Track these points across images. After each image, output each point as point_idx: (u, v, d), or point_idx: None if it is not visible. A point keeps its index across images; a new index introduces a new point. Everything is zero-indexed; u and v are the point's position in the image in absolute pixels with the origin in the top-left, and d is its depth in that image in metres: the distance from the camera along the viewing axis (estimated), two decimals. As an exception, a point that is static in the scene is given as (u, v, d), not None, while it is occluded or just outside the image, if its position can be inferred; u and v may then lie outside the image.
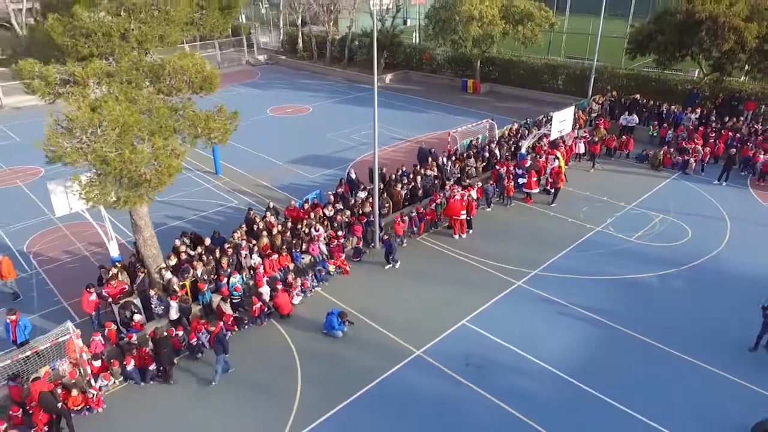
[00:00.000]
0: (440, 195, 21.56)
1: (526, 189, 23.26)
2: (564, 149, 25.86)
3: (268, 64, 53.23)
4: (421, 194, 22.15)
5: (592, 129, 28.93)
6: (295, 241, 18.57)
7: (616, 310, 16.48)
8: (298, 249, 18.46)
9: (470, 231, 20.94)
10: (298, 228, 19.05)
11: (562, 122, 24.56)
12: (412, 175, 22.56)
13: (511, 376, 14.18)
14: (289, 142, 31.01)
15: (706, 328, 15.78)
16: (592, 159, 26.68)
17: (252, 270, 17.21)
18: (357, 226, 19.54)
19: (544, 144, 25.90)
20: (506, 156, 25.22)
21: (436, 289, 17.69)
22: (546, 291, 17.44)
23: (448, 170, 23.65)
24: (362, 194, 21.23)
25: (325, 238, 18.91)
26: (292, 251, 18.29)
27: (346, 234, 19.64)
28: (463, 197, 20.40)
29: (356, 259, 19.33)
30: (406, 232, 20.29)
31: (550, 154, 24.81)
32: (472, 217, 20.84)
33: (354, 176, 22.93)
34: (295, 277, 17.33)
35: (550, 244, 20.01)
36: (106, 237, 16.73)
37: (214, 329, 14.46)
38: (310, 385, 14.00)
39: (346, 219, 19.84)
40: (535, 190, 23.33)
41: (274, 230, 18.57)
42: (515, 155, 25.41)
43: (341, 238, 19.12)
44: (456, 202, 20.12)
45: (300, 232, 18.83)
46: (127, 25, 14.30)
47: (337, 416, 13.10)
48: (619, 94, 32.79)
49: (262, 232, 18.42)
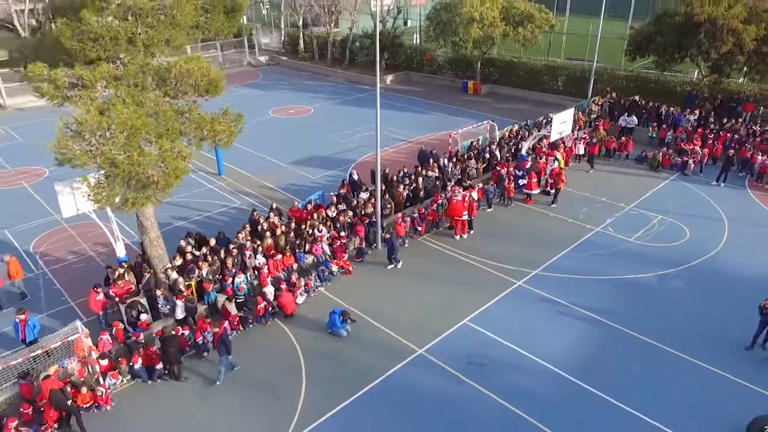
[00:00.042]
0: (441, 196, 21.79)
1: (527, 190, 23.49)
2: (564, 150, 26.11)
3: (270, 65, 53.43)
4: (423, 195, 22.39)
5: (591, 130, 29.16)
6: (298, 242, 18.80)
7: (616, 309, 16.71)
8: (301, 249, 18.69)
9: (471, 231, 21.16)
10: (302, 229, 19.28)
11: (562, 124, 24.85)
12: (413, 176, 22.80)
13: (512, 374, 14.40)
14: (291, 143, 31.22)
15: (705, 327, 16.01)
16: (590, 160, 26.90)
17: (256, 270, 17.44)
18: (359, 226, 19.77)
19: (544, 145, 26.14)
20: (507, 157, 25.43)
21: (437, 289, 17.92)
22: (546, 291, 17.67)
23: (449, 171, 23.88)
24: (364, 195, 21.44)
25: (328, 239, 19.14)
26: (296, 252, 18.53)
27: (349, 234, 19.87)
28: (465, 198, 20.63)
29: (358, 260, 19.56)
30: (409, 232, 20.52)
31: (550, 155, 25.06)
32: (472, 217, 21.07)
33: (356, 177, 23.16)
34: (299, 277, 17.55)
35: (550, 244, 20.24)
36: (112, 237, 16.97)
37: (217, 330, 14.69)
38: (314, 384, 14.21)
39: (349, 220, 20.06)
40: (536, 191, 23.56)
41: (278, 231, 18.80)
42: (515, 156, 25.64)
43: (344, 239, 19.36)
44: (457, 203, 20.34)
45: (303, 233, 19.06)
46: (134, 29, 14.47)
47: (340, 414, 13.31)
48: (619, 96, 32.99)
49: (266, 233, 18.65)
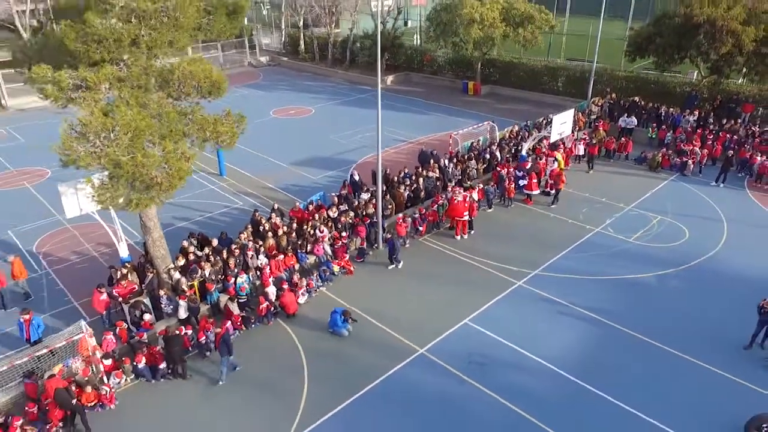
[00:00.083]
0: (442, 196, 21.91)
1: (527, 190, 23.61)
2: (564, 151, 26.23)
3: (270, 66, 53.57)
4: (423, 196, 22.51)
5: (591, 131, 29.28)
6: (300, 242, 18.92)
7: (616, 309, 16.82)
8: (303, 250, 18.81)
9: (472, 232, 21.28)
10: (303, 229, 19.40)
11: (562, 125, 24.99)
12: (414, 177, 22.92)
13: (513, 373, 14.52)
14: (293, 143, 31.35)
15: (703, 327, 16.12)
16: (590, 161, 27.02)
17: (258, 270, 17.56)
18: (361, 227, 19.89)
19: (544, 146, 26.26)
20: (507, 158, 25.55)
21: (438, 289, 18.04)
22: (546, 291, 17.79)
23: (449, 172, 24.00)
24: (365, 196, 21.56)
25: (330, 239, 19.26)
26: (298, 252, 18.65)
27: (350, 235, 19.99)
28: (465, 199, 20.74)
29: (360, 260, 19.67)
30: (410, 232, 20.64)
31: (550, 156, 25.18)
32: (473, 218, 21.19)
33: (357, 178, 23.27)
34: (301, 277, 17.67)
35: (551, 244, 20.36)
36: (116, 238, 17.08)
37: (219, 331, 14.79)
38: (316, 383, 14.32)
39: (350, 220, 20.18)
40: (536, 192, 23.68)
41: (280, 231, 18.92)
42: (516, 157, 25.76)
43: (345, 239, 19.48)
44: (459, 204, 20.46)
45: (305, 233, 19.18)
46: (138, 32, 14.57)
47: (342, 414, 13.43)
48: (618, 96, 33.12)
49: (268, 233, 18.77)
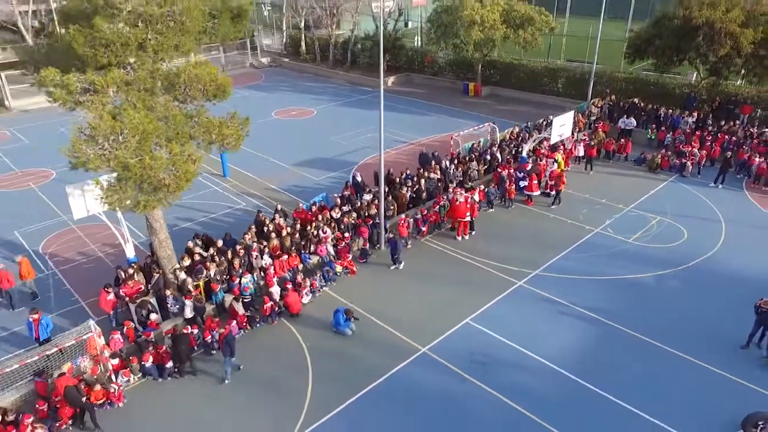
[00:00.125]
0: (443, 197, 22.15)
1: (527, 191, 23.84)
2: (564, 152, 26.46)
3: (271, 67, 53.79)
4: (425, 197, 22.74)
5: (591, 132, 29.51)
6: (303, 243, 19.16)
7: (615, 309, 17.05)
8: (306, 250, 19.05)
9: (473, 232, 21.51)
10: (307, 230, 19.63)
11: (562, 126, 25.22)
12: (416, 178, 23.15)
13: (514, 372, 14.75)
14: (295, 144, 31.57)
15: (702, 326, 16.35)
16: (589, 162, 27.24)
17: (263, 270, 17.79)
18: (363, 228, 20.13)
19: (545, 147, 26.49)
20: (507, 159, 25.79)
21: (440, 289, 18.27)
22: (547, 291, 18.02)
23: (450, 173, 24.23)
24: (368, 197, 21.79)
25: (333, 240, 19.49)
26: (301, 252, 18.88)
27: (353, 236, 20.23)
28: (467, 200, 20.98)
29: (362, 261, 19.89)
30: (411, 233, 20.87)
31: (549, 157, 25.42)
32: (474, 218, 21.42)
33: (359, 179, 23.50)
34: (304, 277, 17.91)
35: (551, 245, 20.59)
36: (122, 239, 17.32)
37: (223, 331, 14.95)
38: (320, 382, 14.55)
39: (353, 221, 20.43)
40: (536, 193, 23.92)
41: (284, 232, 19.15)
42: (516, 158, 25.99)
43: (348, 240, 19.71)
44: (460, 205, 20.69)
45: (308, 234, 19.40)
46: (145, 36, 14.80)
47: (346, 412, 13.65)
48: (618, 98, 33.36)
49: (272, 234, 19.00)
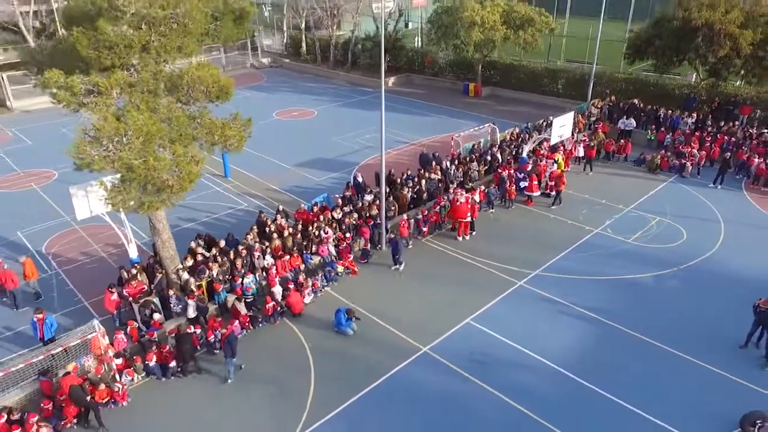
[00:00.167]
0: (444, 198, 22.27)
1: (528, 192, 23.97)
2: (564, 153, 26.57)
3: (272, 67, 53.91)
4: (426, 197, 22.86)
5: (591, 133, 29.63)
6: (305, 243, 19.28)
7: (615, 309, 17.17)
8: (308, 250, 19.17)
9: (473, 233, 21.63)
10: (308, 230, 19.75)
11: (562, 127, 25.35)
12: (416, 179, 23.27)
13: (514, 371, 14.87)
14: (296, 145, 31.68)
15: (700, 326, 16.47)
16: (588, 163, 27.35)
17: (265, 271, 17.92)
18: (364, 228, 20.25)
19: (545, 148, 26.61)
20: (508, 160, 25.91)
21: (440, 289, 18.38)
22: (547, 291, 18.14)
23: (451, 174, 24.36)
24: (369, 197, 21.92)
25: (334, 240, 19.61)
26: (303, 253, 19.01)
27: (354, 236, 20.35)
28: (468, 200, 21.10)
29: (364, 261, 19.99)
30: (412, 233, 21.00)
31: (549, 158, 25.54)
32: (474, 219, 21.54)
33: (360, 179, 23.62)
34: (306, 277, 18.02)
35: (551, 245, 20.71)
36: (125, 239, 17.44)
37: (224, 332, 15.08)
38: (322, 381, 14.67)
39: (354, 221, 20.55)
40: (536, 193, 24.05)
41: (286, 232, 19.27)
42: (516, 159, 26.11)
43: (349, 240, 19.82)
44: (461, 205, 20.81)
45: (310, 234, 19.52)
46: (148, 38, 14.91)
47: (348, 411, 13.77)
48: (618, 99, 33.48)
49: (274, 234, 19.13)
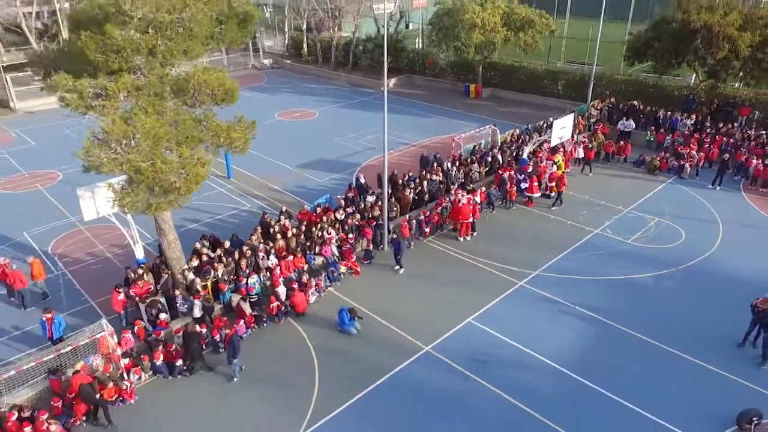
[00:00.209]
0: (445, 199, 22.51)
1: (528, 193, 24.21)
2: (564, 154, 26.80)
3: (273, 68, 54.14)
4: (427, 198, 23.10)
5: (590, 134, 29.86)
6: (308, 244, 19.52)
7: (614, 309, 17.40)
8: (311, 251, 19.40)
9: (474, 233, 21.86)
10: (312, 231, 19.98)
11: (562, 129, 25.60)
12: (418, 180, 23.51)
13: (515, 370, 15.11)
14: (298, 146, 31.91)
15: (699, 326, 16.71)
16: (588, 164, 27.56)
17: (269, 271, 18.15)
18: (367, 229, 20.48)
19: (545, 149, 26.83)
20: (508, 161, 26.14)
21: (442, 289, 18.62)
22: (547, 291, 18.38)
23: (452, 175, 24.59)
24: (371, 198, 22.16)
25: (337, 241, 19.85)
26: (306, 253, 19.24)
27: (357, 237, 20.59)
28: (469, 201, 21.34)
29: (366, 261, 20.23)
30: (414, 234, 21.23)
31: (549, 159, 25.77)
32: (475, 220, 21.78)
33: (363, 181, 23.85)
34: (310, 277, 18.26)
35: (551, 246, 20.94)
36: (132, 240, 17.68)
37: (228, 332, 15.31)
38: (326, 380, 14.90)
39: (357, 222, 20.79)
40: (537, 194, 24.30)
41: (289, 233, 19.51)
42: (517, 160, 26.34)
43: (352, 241, 20.06)
44: (464, 206, 21.06)
45: (313, 235, 19.76)
46: (155, 42, 15.14)
47: (352, 409, 14.00)
48: (618, 100, 33.73)
49: (278, 235, 19.36)
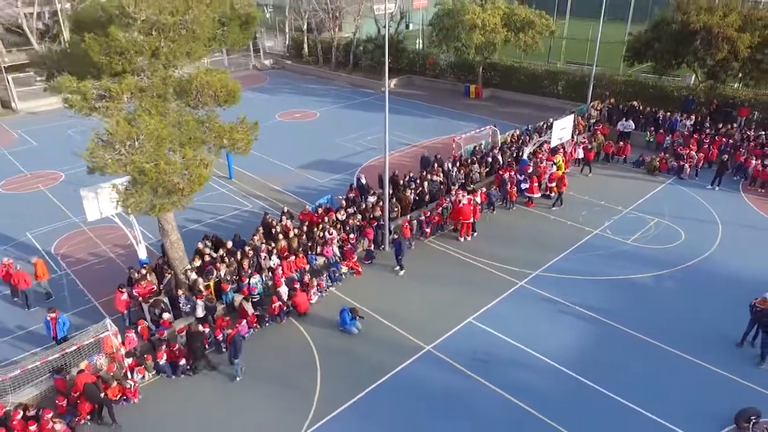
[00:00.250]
0: (446, 199, 22.63)
1: (528, 194, 24.34)
2: (564, 155, 26.91)
3: (274, 69, 54.24)
4: (428, 199, 23.21)
5: (590, 135, 29.98)
6: (310, 244, 19.63)
7: (614, 309, 17.52)
8: (313, 251, 19.52)
9: (474, 234, 21.98)
10: (313, 231, 20.10)
11: (562, 130, 25.71)
12: (419, 180, 23.63)
13: (516, 370, 15.24)
14: (299, 146, 32.00)
15: (698, 325, 16.82)
16: (587, 165, 27.67)
17: (271, 271, 18.27)
18: (368, 229, 20.60)
19: (545, 150, 26.95)
20: (509, 162, 26.25)
21: (443, 289, 18.74)
22: (547, 291, 18.49)
23: (453, 176, 24.71)
24: (372, 199, 22.27)
25: (338, 241, 19.97)
26: (308, 253, 19.36)
27: (358, 237, 20.71)
28: (470, 202, 21.46)
29: (368, 261, 20.34)
30: (415, 234, 21.35)
31: (549, 160, 25.89)
32: (476, 220, 21.90)
33: (364, 181, 23.96)
34: (311, 277, 18.38)
35: (551, 246, 21.06)
36: (135, 241, 17.80)
37: (231, 332, 15.41)
38: (328, 379, 15.03)
39: (358, 222, 20.91)
40: (537, 195, 24.42)
41: (291, 233, 19.63)
42: (517, 161, 26.46)
43: (353, 241, 20.18)
44: (465, 207, 21.18)
45: (315, 236, 19.88)
46: (158, 44, 15.26)
47: (354, 408, 14.12)
48: (617, 101, 33.84)
49: (280, 236, 19.47)
